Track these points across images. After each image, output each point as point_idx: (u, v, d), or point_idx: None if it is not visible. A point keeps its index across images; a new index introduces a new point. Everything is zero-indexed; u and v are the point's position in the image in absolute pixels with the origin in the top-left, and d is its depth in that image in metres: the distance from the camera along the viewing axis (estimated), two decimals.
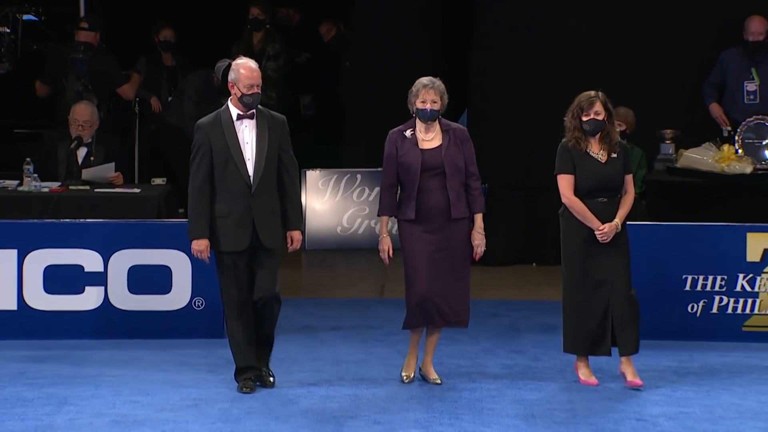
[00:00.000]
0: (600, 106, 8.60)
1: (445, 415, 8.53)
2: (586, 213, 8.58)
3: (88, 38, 12.47)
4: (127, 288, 10.29)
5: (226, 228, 8.33)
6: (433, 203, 8.45)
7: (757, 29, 11.93)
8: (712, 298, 10.24)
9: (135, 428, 8.29)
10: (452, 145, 8.45)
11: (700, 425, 8.33)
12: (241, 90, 8.26)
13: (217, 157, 8.27)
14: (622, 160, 8.67)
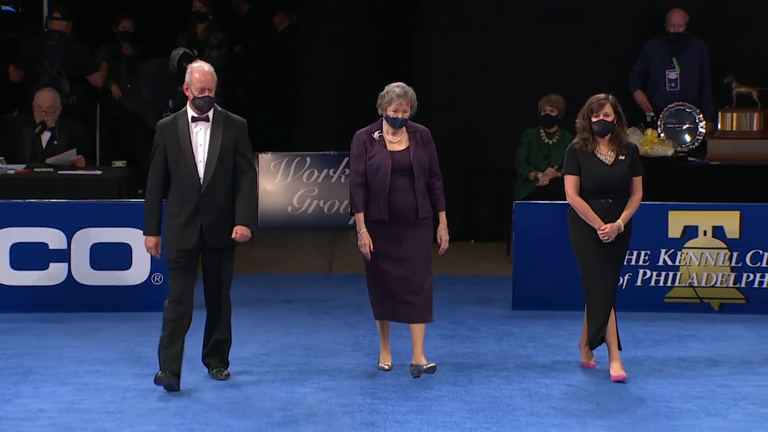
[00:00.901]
0: (610, 108, 8.27)
1: (390, 382, 8.55)
2: (589, 212, 8.30)
3: (60, 27, 12.49)
4: (90, 264, 10.27)
5: (175, 226, 8.07)
6: (400, 203, 8.26)
7: (678, 21, 12.00)
8: (636, 271, 10.31)
9: (97, 396, 8.27)
10: (419, 147, 8.28)
11: (624, 390, 8.39)
12: (193, 93, 8.03)
13: (171, 157, 8.03)
14: (630, 163, 8.30)
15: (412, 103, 8.25)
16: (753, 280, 10.24)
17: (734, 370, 8.84)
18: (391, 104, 8.22)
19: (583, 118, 8.32)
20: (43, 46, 12.47)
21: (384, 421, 7.83)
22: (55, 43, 12.41)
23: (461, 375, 8.67)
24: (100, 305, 10.22)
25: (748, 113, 11.71)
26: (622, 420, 7.84)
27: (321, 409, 8.04)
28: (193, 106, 8.06)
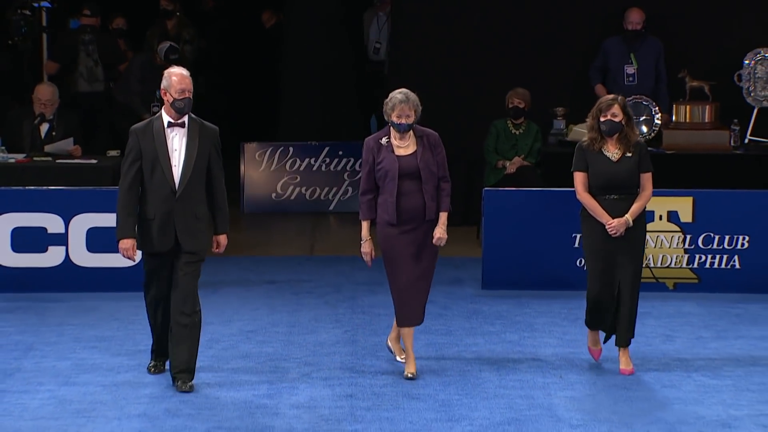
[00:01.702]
0: (618, 109, 7.99)
1: (368, 357, 8.57)
2: (597, 208, 7.98)
3: (90, 22, 12.90)
4: (86, 247, 10.25)
5: (151, 230, 7.69)
6: (409, 206, 7.92)
7: (636, 20, 12.03)
8: None
9: (93, 371, 8.27)
10: (426, 151, 7.95)
11: (586, 363, 8.43)
12: (172, 95, 7.62)
13: (146, 162, 7.64)
14: (637, 160, 7.98)
15: (416, 107, 7.94)
16: (705, 261, 10.29)
17: (687, 344, 8.89)
18: (395, 110, 7.91)
19: (593, 118, 8.03)
20: (78, 40, 12.77)
21: (362, 393, 7.84)
22: (89, 36, 12.76)
23: (433, 350, 8.70)
24: (95, 286, 10.21)
25: (701, 106, 11.75)
26: (583, 391, 7.88)
27: (303, 382, 8.05)
28: (172, 108, 7.65)
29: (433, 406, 7.61)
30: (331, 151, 13.52)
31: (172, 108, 7.66)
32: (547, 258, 10.19)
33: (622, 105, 8.01)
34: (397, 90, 8.00)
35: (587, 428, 7.24)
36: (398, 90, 8.01)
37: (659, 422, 7.33)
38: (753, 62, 11.87)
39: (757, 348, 8.81)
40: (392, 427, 7.28)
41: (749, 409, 7.54)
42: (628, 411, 7.52)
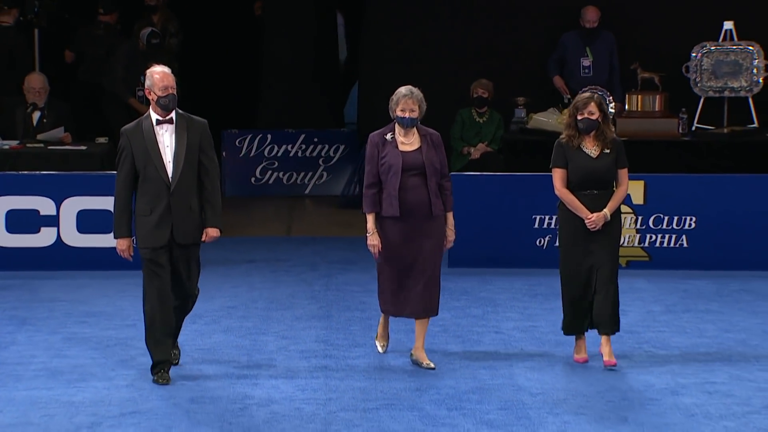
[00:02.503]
0: (594, 106, 7.64)
1: (341, 331, 8.55)
2: (576, 203, 7.66)
3: (106, 19, 13.07)
4: (76, 228, 10.23)
5: (147, 226, 7.38)
6: (412, 200, 7.60)
7: (592, 18, 12.04)
8: (555, 233, 10.35)
9: (83, 344, 8.23)
10: (430, 148, 7.65)
11: (545, 336, 8.44)
12: (156, 93, 7.31)
13: (139, 160, 7.34)
14: (615, 156, 7.70)
15: (420, 102, 7.65)
16: (655, 240, 10.32)
17: (639, 318, 8.92)
18: (399, 105, 7.63)
19: (570, 116, 7.72)
20: (91, 35, 12.92)
21: (336, 365, 7.83)
22: (100, 32, 12.88)
23: (402, 324, 8.69)
24: (85, 264, 10.18)
25: (651, 96, 11.78)
26: (542, 362, 7.89)
27: (280, 355, 8.04)
28: (157, 106, 7.35)
29: (401, 377, 7.60)
30: (307, 138, 13.50)
31: (157, 106, 7.37)
32: (509, 238, 10.20)
33: (597, 103, 7.67)
34: (402, 86, 7.72)
35: (546, 396, 7.25)
36: (403, 86, 7.72)
37: (613, 390, 7.35)
38: (700, 55, 11.90)
39: (703, 321, 8.84)
40: (364, 396, 7.27)
41: (695, 377, 7.58)
42: (584, 381, 7.54)
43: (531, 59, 12.35)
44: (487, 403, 7.13)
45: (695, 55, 11.88)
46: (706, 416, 6.92)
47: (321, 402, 7.15)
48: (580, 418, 6.91)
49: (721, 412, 6.99)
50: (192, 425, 6.80)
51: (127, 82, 12.45)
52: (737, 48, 11.85)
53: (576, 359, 7.81)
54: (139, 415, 6.94)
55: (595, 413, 6.99)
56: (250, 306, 9.21)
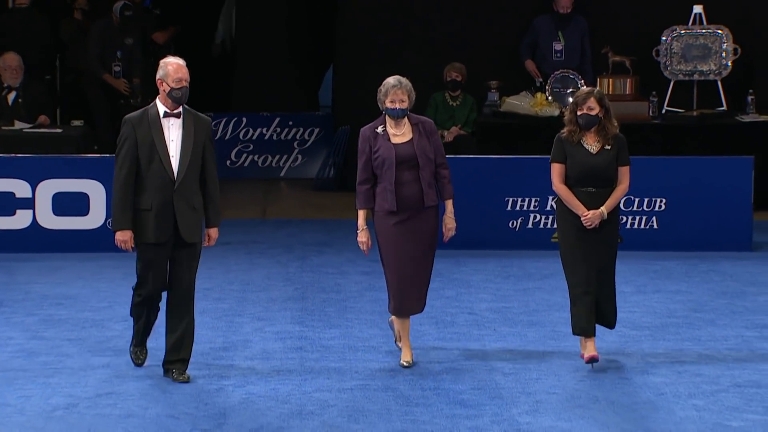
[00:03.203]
0: (594, 102, 7.28)
1: (316, 313, 8.55)
2: (572, 200, 7.32)
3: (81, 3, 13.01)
4: (52, 211, 10.19)
5: (148, 220, 7.04)
6: (408, 194, 7.29)
7: (565, 4, 12.05)
8: (527, 215, 10.38)
9: (60, 325, 8.19)
10: (422, 137, 7.33)
11: (518, 317, 8.46)
12: (170, 84, 6.96)
13: (143, 152, 6.99)
14: (616, 152, 7.34)
15: (409, 92, 7.33)
16: (626, 221, 10.34)
17: None
18: (388, 96, 7.31)
19: (570, 112, 7.38)
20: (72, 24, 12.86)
21: (311, 346, 7.83)
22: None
23: (377, 305, 8.69)
24: (61, 247, 10.14)
25: (622, 79, 11.81)
26: (514, 342, 7.91)
27: (256, 336, 8.02)
28: (168, 98, 7.00)
29: (376, 357, 7.60)
30: (282, 121, 13.46)
31: (168, 98, 7.01)
32: (482, 220, 10.21)
33: (598, 98, 7.32)
34: (390, 77, 7.41)
35: (518, 376, 7.27)
36: (391, 77, 7.41)
37: (584, 369, 7.37)
38: (670, 39, 11.92)
39: (672, 301, 8.88)
40: (339, 377, 7.27)
41: (665, 357, 7.61)
42: (556, 360, 7.56)
43: (504, 43, 12.34)
44: (460, 383, 7.14)
45: (665, 38, 11.90)
46: (675, 395, 6.96)
47: (296, 383, 7.14)
48: (552, 397, 6.93)
49: (690, 391, 7.02)
50: (168, 406, 6.78)
51: (103, 58, 12.39)
52: (706, 32, 11.88)
53: (587, 358, 7.36)
54: (115, 396, 6.92)
55: (566, 392, 7.01)
56: (225, 288, 9.19)
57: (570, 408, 6.77)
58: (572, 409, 6.75)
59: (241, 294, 8.99)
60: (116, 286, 9.16)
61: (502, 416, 6.66)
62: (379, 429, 6.48)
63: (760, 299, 8.87)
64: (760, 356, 7.63)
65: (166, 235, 7.07)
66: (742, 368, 7.41)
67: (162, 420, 6.59)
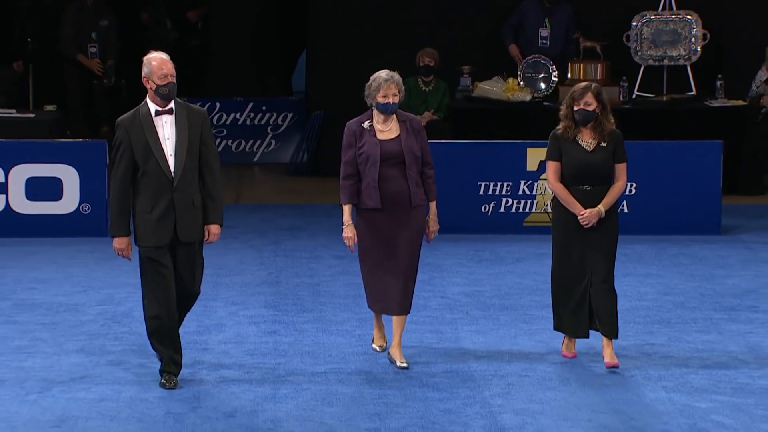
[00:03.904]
0: (591, 97, 6.98)
1: (290, 297, 8.53)
2: (569, 198, 7.02)
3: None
4: (25, 196, 10.11)
5: (148, 223, 6.68)
6: (392, 191, 7.05)
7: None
8: (500, 200, 10.38)
9: (34, 309, 8.14)
10: (410, 135, 7.08)
11: (490, 300, 8.47)
12: (155, 82, 6.64)
13: (138, 154, 6.65)
14: (612, 149, 7.04)
15: (400, 87, 7.07)
16: None
17: None
18: (380, 90, 7.01)
19: (566, 107, 7.08)
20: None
21: (285, 330, 7.82)
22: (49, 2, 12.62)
23: (350, 289, 8.68)
24: (34, 231, 10.07)
25: (593, 64, 11.82)
26: (486, 326, 7.92)
27: (230, 320, 8.00)
28: (156, 95, 6.68)
29: (350, 341, 7.60)
30: (255, 106, 13.41)
31: (156, 95, 6.68)
32: (454, 204, 10.19)
33: (595, 93, 7.00)
34: (380, 71, 7.10)
35: (490, 359, 7.28)
36: (381, 71, 7.10)
37: (555, 352, 7.39)
38: (640, 24, 11.94)
39: (643, 284, 8.91)
40: (313, 360, 7.26)
41: (635, 339, 7.64)
42: (528, 343, 7.58)
43: (476, 28, 12.33)
44: (433, 366, 7.14)
45: (635, 24, 11.92)
46: (645, 377, 6.99)
47: (270, 366, 7.13)
48: (523, 379, 6.95)
49: (659, 373, 7.05)
50: (142, 390, 6.76)
51: (78, 40, 12.29)
52: (676, 17, 11.90)
53: (564, 354, 7.26)
54: (89, 380, 6.89)
55: (537, 374, 7.03)
56: None
57: (541, 390, 6.78)
58: (544, 392, 6.76)
59: (215, 278, 8.96)
60: (90, 271, 9.12)
61: (475, 399, 6.67)
62: (352, 412, 6.48)
63: (729, 282, 8.91)
64: (728, 338, 7.67)
65: (167, 237, 6.72)
66: (710, 350, 7.45)
67: (136, 404, 6.56)
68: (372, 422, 6.35)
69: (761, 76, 11.85)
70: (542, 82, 11.91)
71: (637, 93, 11.91)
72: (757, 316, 8.11)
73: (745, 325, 7.91)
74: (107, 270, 9.09)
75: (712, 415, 6.45)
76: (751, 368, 7.15)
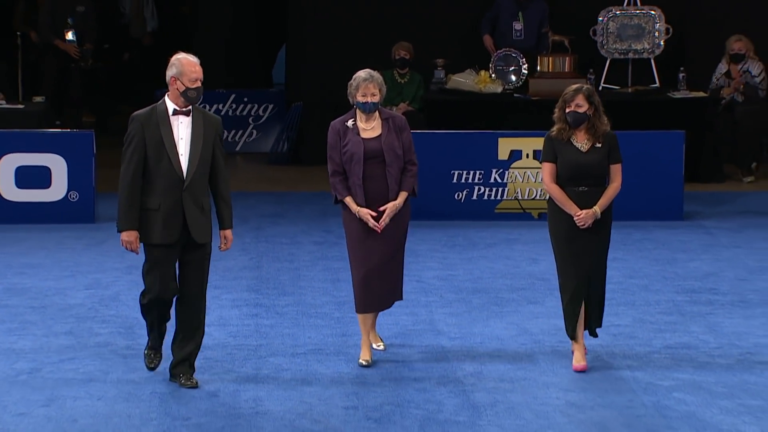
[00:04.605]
0: (582, 99, 6.76)
1: (270, 281, 8.53)
2: (564, 199, 6.79)
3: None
4: (15, 184, 10.07)
5: (156, 221, 6.45)
6: (376, 190, 6.89)
7: None
8: (472, 188, 10.40)
9: (23, 294, 8.11)
10: (391, 133, 6.92)
11: (463, 284, 8.49)
12: (185, 84, 6.45)
13: (152, 150, 6.42)
14: (607, 150, 6.81)
15: (380, 86, 6.93)
16: None
17: (550, 266, 8.94)
18: (359, 90, 6.89)
19: (559, 109, 6.86)
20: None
21: (266, 313, 7.81)
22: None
23: (329, 274, 8.69)
24: (24, 218, 10.03)
25: (561, 57, 11.84)
26: (460, 308, 7.94)
27: (213, 304, 7.98)
28: (183, 96, 6.47)
29: (328, 324, 7.60)
30: (237, 98, 13.38)
31: (182, 96, 6.47)
32: (429, 192, 10.17)
33: (586, 95, 6.79)
34: (360, 71, 6.99)
35: (464, 340, 7.30)
36: (362, 70, 6.98)
37: (525, 333, 7.42)
38: (606, 19, 11.97)
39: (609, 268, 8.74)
40: (293, 342, 7.26)
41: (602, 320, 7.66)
42: (499, 324, 7.60)
43: (450, 23, 12.32)
44: (409, 347, 7.16)
45: (602, 19, 11.95)
46: (611, 356, 7.02)
47: (252, 348, 7.12)
48: (495, 359, 6.97)
49: (624, 352, 7.09)
50: (128, 371, 6.75)
51: (55, 25, 12.22)
52: (640, 12, 11.94)
53: (574, 367, 6.83)
54: (77, 361, 6.87)
55: (508, 355, 7.06)
56: None
57: (512, 369, 6.81)
58: (514, 371, 6.79)
59: None
60: (78, 256, 9.08)
61: (448, 378, 6.69)
62: (331, 391, 6.49)
63: (690, 265, 8.96)
64: (689, 319, 7.72)
65: (175, 237, 6.48)
66: (672, 330, 7.49)
67: (122, 384, 6.56)
68: (350, 401, 6.37)
69: (721, 69, 11.91)
70: (513, 74, 11.92)
71: (604, 85, 11.94)
72: (717, 298, 8.15)
73: (706, 307, 7.96)
74: (94, 255, 9.06)
75: (675, 392, 6.50)
76: (710, 347, 7.20)
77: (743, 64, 11.81)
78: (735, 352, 7.10)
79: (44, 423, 6.05)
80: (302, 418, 6.13)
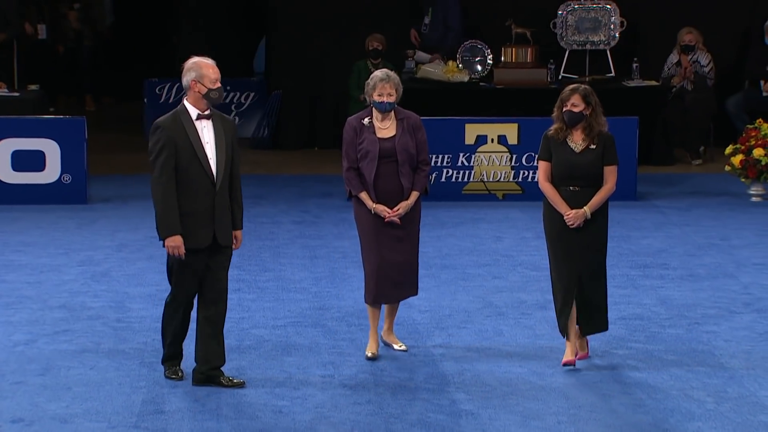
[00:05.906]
0: (578, 98, 6.43)
1: (252, 258, 8.50)
2: (556, 198, 6.47)
3: None
4: (11, 167, 10.00)
5: (189, 225, 6.11)
6: (388, 188, 6.63)
7: None
8: (441, 170, 10.40)
9: (20, 270, 8.06)
10: (405, 133, 6.64)
11: (432, 260, 8.49)
12: (207, 85, 6.15)
13: (181, 156, 6.10)
14: (601, 152, 6.45)
15: (397, 86, 6.61)
16: (527, 175, 10.41)
17: (513, 243, 9.01)
18: (375, 89, 6.58)
19: (557, 108, 6.54)
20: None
21: (248, 288, 7.79)
22: None
23: (307, 251, 8.67)
24: (20, 199, 9.95)
25: (524, 48, 11.83)
26: (429, 283, 7.95)
27: None
28: (206, 98, 6.17)
29: (307, 297, 7.60)
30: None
31: (205, 98, 6.17)
32: None
33: (583, 95, 6.46)
34: (378, 70, 6.72)
35: (433, 313, 7.32)
36: (379, 70, 6.71)
37: (490, 306, 7.44)
38: (565, 12, 11.97)
39: None
40: (273, 314, 7.25)
41: None
42: (466, 298, 7.62)
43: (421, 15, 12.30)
44: (382, 320, 7.15)
45: (561, 12, 11.95)
46: None
47: (235, 320, 7.11)
48: (461, 331, 6.99)
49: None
50: (118, 342, 6.74)
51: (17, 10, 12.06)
52: (597, 6, 11.96)
53: (562, 362, 6.48)
54: (71, 333, 6.85)
55: (474, 326, 7.07)
56: None
57: (478, 340, 6.83)
58: (480, 341, 6.81)
59: None
60: (71, 235, 9.03)
61: (419, 348, 6.70)
62: (309, 361, 6.49)
63: (643, 242, 9.00)
64: (642, 292, 7.76)
65: (208, 239, 6.16)
66: (627, 303, 7.53)
67: (113, 354, 6.54)
68: (326, 369, 6.37)
69: (672, 59, 11.95)
70: (479, 64, 11.90)
71: (563, 74, 11.95)
72: (668, 272, 8.20)
73: (657, 281, 8.00)
74: (86, 234, 9.01)
75: (629, 360, 6.54)
76: (662, 318, 7.24)
77: (693, 55, 11.86)
78: (684, 323, 7.15)
79: (40, 391, 6.03)
80: (282, 386, 6.13)
